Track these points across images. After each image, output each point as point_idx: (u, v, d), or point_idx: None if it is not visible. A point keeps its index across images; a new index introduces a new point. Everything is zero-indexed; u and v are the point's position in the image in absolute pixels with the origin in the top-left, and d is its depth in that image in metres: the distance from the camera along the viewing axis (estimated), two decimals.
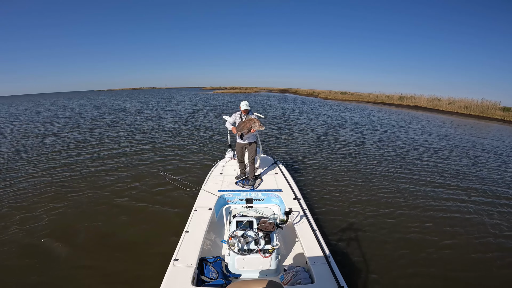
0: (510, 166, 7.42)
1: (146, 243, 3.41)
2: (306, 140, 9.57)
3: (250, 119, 3.73)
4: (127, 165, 6.50)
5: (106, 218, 4.04)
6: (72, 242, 3.45)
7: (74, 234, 3.63)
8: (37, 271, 2.94)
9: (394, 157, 7.72)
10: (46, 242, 3.45)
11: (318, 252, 2.38)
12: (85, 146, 8.54)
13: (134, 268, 2.94)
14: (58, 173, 5.99)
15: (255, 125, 3.65)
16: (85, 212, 4.22)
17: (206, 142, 9.00)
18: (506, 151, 9.30)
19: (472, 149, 9.24)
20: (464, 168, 6.95)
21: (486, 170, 6.95)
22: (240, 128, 3.73)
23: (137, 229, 3.73)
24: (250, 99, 31.60)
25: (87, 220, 3.98)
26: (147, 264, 2.98)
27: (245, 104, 3.86)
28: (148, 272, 2.84)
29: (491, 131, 14.41)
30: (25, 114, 19.58)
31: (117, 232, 3.67)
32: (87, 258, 3.13)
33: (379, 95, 33.99)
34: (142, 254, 3.18)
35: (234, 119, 4.02)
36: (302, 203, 3.27)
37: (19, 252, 3.27)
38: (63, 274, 2.89)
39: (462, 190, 5.49)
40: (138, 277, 2.81)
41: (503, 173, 6.76)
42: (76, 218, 4.05)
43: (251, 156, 3.98)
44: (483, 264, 3.21)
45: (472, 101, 22.97)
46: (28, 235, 3.62)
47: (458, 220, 4.25)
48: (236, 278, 2.36)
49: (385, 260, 3.18)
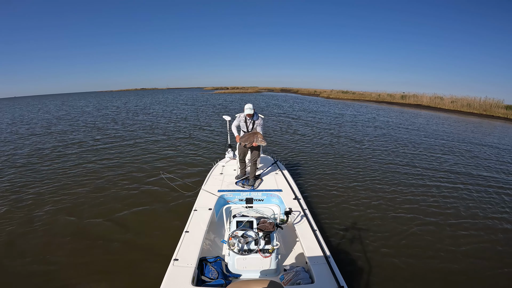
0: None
1: (146, 243, 3.42)
2: (307, 140, 9.55)
3: (254, 133, 3.77)
4: (127, 165, 6.52)
5: (105, 217, 4.05)
6: (72, 242, 3.47)
7: (73, 233, 3.65)
8: (35, 270, 2.96)
9: (395, 157, 7.69)
10: (45, 242, 3.47)
11: (318, 252, 2.37)
12: (85, 145, 8.59)
13: (134, 268, 2.95)
14: (57, 172, 6.03)
15: (258, 140, 3.70)
16: (84, 212, 4.24)
17: (206, 142, 9.00)
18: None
19: (475, 149, 9.17)
20: (464, 169, 6.91)
21: (491, 170, 6.89)
22: (244, 140, 3.79)
23: (137, 229, 3.74)
24: (251, 99, 31.60)
25: (86, 219, 4.00)
26: (147, 264, 2.99)
27: (249, 108, 3.75)
28: (148, 272, 2.86)
29: (493, 129, 14.29)
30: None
31: (116, 232, 3.68)
32: (87, 257, 3.14)
33: (381, 94, 33.83)
34: (142, 254, 3.19)
35: (239, 122, 4.00)
36: (302, 203, 3.26)
37: (17, 251, 3.29)
38: (62, 273, 2.90)
39: (463, 192, 5.45)
40: (138, 277, 2.81)
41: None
42: (75, 217, 4.07)
43: (253, 158, 3.96)
44: (485, 267, 3.18)
45: (475, 99, 22.83)
46: (27, 234, 3.64)
47: (460, 222, 4.22)
48: (236, 278, 2.36)
49: (385, 261, 3.17)
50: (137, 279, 2.79)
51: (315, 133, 10.92)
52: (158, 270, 2.54)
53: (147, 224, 3.88)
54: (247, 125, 3.92)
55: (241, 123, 3.96)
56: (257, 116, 3.92)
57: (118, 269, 2.96)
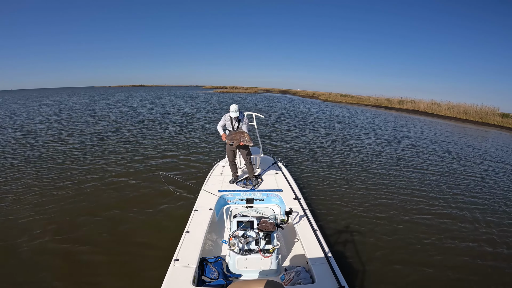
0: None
1: (147, 243, 3.40)
2: (307, 140, 9.59)
3: (240, 132, 3.72)
4: (126, 165, 6.47)
5: (105, 218, 4.01)
6: (72, 242, 3.43)
7: (73, 234, 3.61)
8: (34, 270, 2.93)
9: (395, 159, 7.75)
10: (44, 241, 3.43)
11: (319, 252, 2.38)
12: (83, 145, 8.50)
13: (134, 268, 2.93)
14: (57, 172, 5.96)
15: (244, 140, 3.65)
16: (83, 213, 4.18)
17: (206, 142, 8.98)
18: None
19: (474, 157, 9.29)
20: (467, 174, 6.99)
21: (491, 179, 6.99)
22: (230, 138, 3.73)
23: (137, 230, 3.71)
24: (251, 100, 31.60)
25: (86, 220, 3.95)
26: (147, 264, 2.97)
27: (234, 110, 3.72)
28: (149, 272, 2.83)
29: (487, 137, 14.49)
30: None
31: (116, 232, 3.64)
32: (87, 258, 3.11)
33: (379, 99, 34.10)
34: (142, 255, 3.16)
35: (224, 121, 3.97)
36: (302, 203, 3.27)
37: (16, 250, 3.25)
38: (62, 273, 2.87)
39: (463, 194, 5.51)
40: (139, 277, 2.79)
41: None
42: (74, 218, 4.02)
43: (246, 158, 3.95)
44: (484, 268, 3.23)
45: (471, 106, 23.12)
46: (25, 233, 3.59)
47: (459, 224, 4.27)
48: (237, 278, 2.36)
49: (385, 260, 3.20)
50: (137, 280, 2.77)
51: (315, 134, 10.96)
52: (159, 270, 2.52)
53: (147, 224, 3.85)
54: (232, 124, 3.89)
55: (227, 122, 3.94)
56: (242, 115, 3.93)
57: (118, 269, 2.93)
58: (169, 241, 3.24)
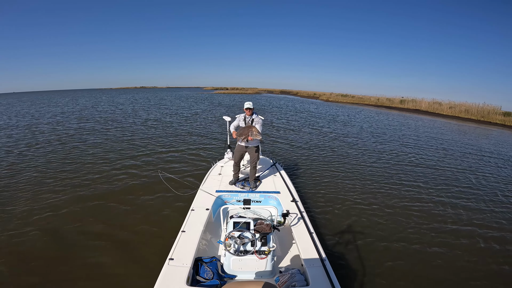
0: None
1: (142, 242, 3.41)
2: (306, 142, 9.57)
3: (249, 126, 3.73)
4: (124, 162, 6.50)
5: (101, 216, 4.03)
6: (67, 240, 3.45)
7: (69, 232, 3.63)
8: (32, 270, 2.94)
9: (393, 161, 7.72)
10: (39, 239, 3.45)
11: (314, 254, 2.38)
12: (83, 146, 8.55)
13: (128, 267, 2.94)
14: (55, 171, 6.00)
15: (253, 134, 3.63)
16: (80, 211, 4.21)
17: (205, 142, 9.00)
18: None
19: (474, 151, 9.23)
20: (463, 175, 6.94)
21: (491, 179, 6.94)
22: (240, 133, 3.73)
23: (133, 228, 3.72)
24: (251, 100, 31.58)
25: (82, 218, 3.97)
26: (142, 263, 2.98)
27: (248, 103, 3.84)
28: (143, 271, 2.84)
29: (490, 136, 14.38)
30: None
31: (112, 230, 3.66)
32: (82, 256, 3.12)
33: (380, 98, 34.00)
34: (137, 253, 3.18)
35: (238, 121, 4.00)
36: (299, 205, 3.26)
37: (17, 251, 3.27)
38: (58, 271, 2.89)
39: (462, 196, 5.48)
40: (133, 276, 2.80)
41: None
42: (71, 216, 4.04)
43: (253, 161, 3.93)
44: (484, 268, 3.21)
45: (473, 105, 23.01)
46: (21, 230, 3.62)
47: (457, 226, 4.25)
48: (232, 279, 2.35)
49: (380, 264, 3.18)
50: (131, 278, 2.78)
51: (314, 136, 10.94)
52: (153, 269, 2.54)
53: (143, 222, 3.86)
54: (246, 122, 3.91)
55: (241, 122, 3.96)
56: (256, 115, 3.94)
57: (112, 267, 2.94)
58: (164, 239, 3.27)
